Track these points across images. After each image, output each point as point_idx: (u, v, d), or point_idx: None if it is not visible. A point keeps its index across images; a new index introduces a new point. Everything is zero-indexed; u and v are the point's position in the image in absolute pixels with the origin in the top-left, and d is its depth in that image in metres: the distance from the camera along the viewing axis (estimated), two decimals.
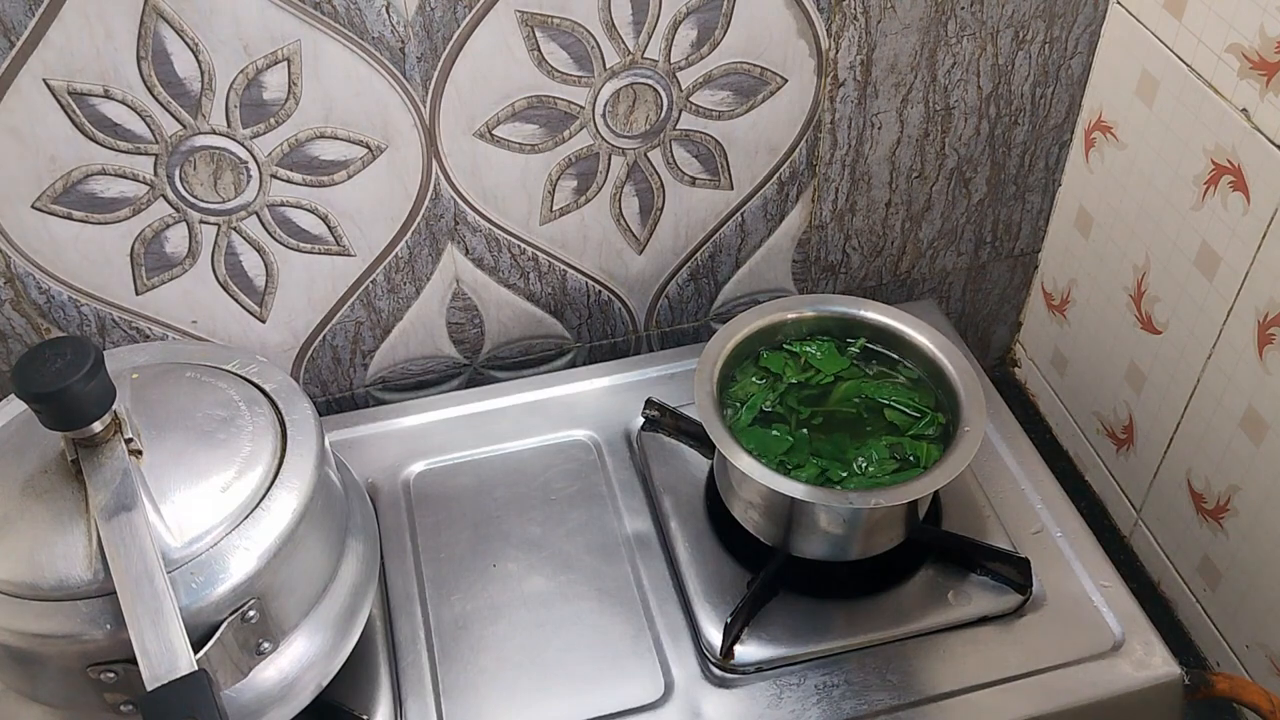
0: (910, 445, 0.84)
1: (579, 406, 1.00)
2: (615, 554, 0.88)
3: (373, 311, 1.00)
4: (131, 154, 0.84)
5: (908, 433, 0.85)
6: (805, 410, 0.87)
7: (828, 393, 0.88)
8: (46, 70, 0.78)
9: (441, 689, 0.81)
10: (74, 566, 0.64)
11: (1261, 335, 0.86)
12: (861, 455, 0.84)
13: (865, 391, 0.88)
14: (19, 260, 0.87)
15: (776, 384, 0.88)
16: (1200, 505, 0.97)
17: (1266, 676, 0.93)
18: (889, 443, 0.85)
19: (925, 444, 0.84)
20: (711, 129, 0.96)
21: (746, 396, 0.87)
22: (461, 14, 0.83)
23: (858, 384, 0.88)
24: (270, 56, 0.81)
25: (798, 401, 0.88)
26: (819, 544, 0.83)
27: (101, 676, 0.64)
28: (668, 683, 0.80)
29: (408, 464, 0.96)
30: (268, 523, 0.68)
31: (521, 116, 0.90)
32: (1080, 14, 0.97)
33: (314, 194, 0.90)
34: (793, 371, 0.89)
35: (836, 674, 0.80)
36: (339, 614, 0.74)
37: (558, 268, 1.02)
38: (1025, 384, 1.24)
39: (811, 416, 0.87)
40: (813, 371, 0.89)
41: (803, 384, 0.89)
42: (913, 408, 0.87)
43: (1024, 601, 0.84)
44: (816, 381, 0.89)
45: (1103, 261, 1.05)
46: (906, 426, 0.86)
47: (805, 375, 0.89)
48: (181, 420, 0.71)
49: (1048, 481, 0.93)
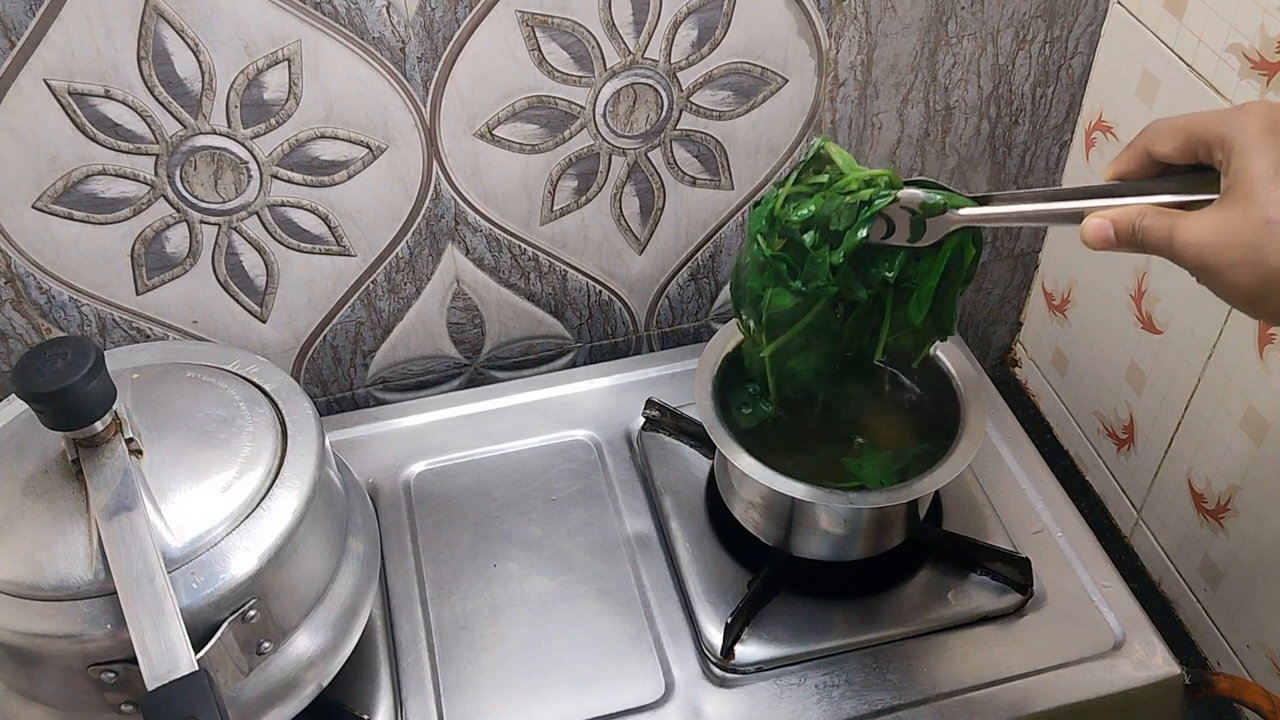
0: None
1: (579, 406, 1.01)
2: (616, 554, 0.88)
3: (373, 311, 1.00)
4: (132, 154, 0.84)
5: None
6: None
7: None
8: (47, 70, 0.78)
9: (442, 689, 0.81)
10: (75, 566, 0.64)
11: (1262, 335, 0.86)
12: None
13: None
14: (19, 260, 0.87)
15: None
16: (1201, 505, 0.97)
17: (1267, 676, 0.93)
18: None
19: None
20: (712, 129, 0.96)
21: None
22: (462, 14, 0.83)
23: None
24: (271, 56, 0.81)
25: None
26: (819, 544, 0.83)
27: (102, 676, 0.64)
28: (668, 683, 0.80)
29: (408, 464, 0.96)
30: (268, 523, 0.68)
31: (522, 116, 0.90)
32: (1080, 14, 0.97)
33: (314, 194, 0.90)
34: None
35: (837, 674, 0.80)
36: (339, 614, 0.74)
37: (558, 268, 1.02)
38: (1026, 384, 1.24)
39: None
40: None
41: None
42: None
43: (1024, 601, 0.84)
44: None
45: (1103, 261, 1.05)
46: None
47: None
48: (182, 420, 0.71)
49: (1048, 481, 0.93)
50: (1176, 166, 0.59)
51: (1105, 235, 0.58)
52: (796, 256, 0.73)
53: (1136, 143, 0.60)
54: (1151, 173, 0.60)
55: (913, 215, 0.69)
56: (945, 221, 0.69)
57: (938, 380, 0.87)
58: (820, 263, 0.72)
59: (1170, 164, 0.59)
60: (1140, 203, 0.58)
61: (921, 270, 0.72)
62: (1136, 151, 0.60)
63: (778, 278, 0.74)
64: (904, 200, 0.69)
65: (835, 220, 0.71)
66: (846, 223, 0.70)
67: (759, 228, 0.75)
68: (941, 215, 0.68)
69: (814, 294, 0.73)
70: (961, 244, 0.70)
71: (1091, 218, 0.59)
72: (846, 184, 0.71)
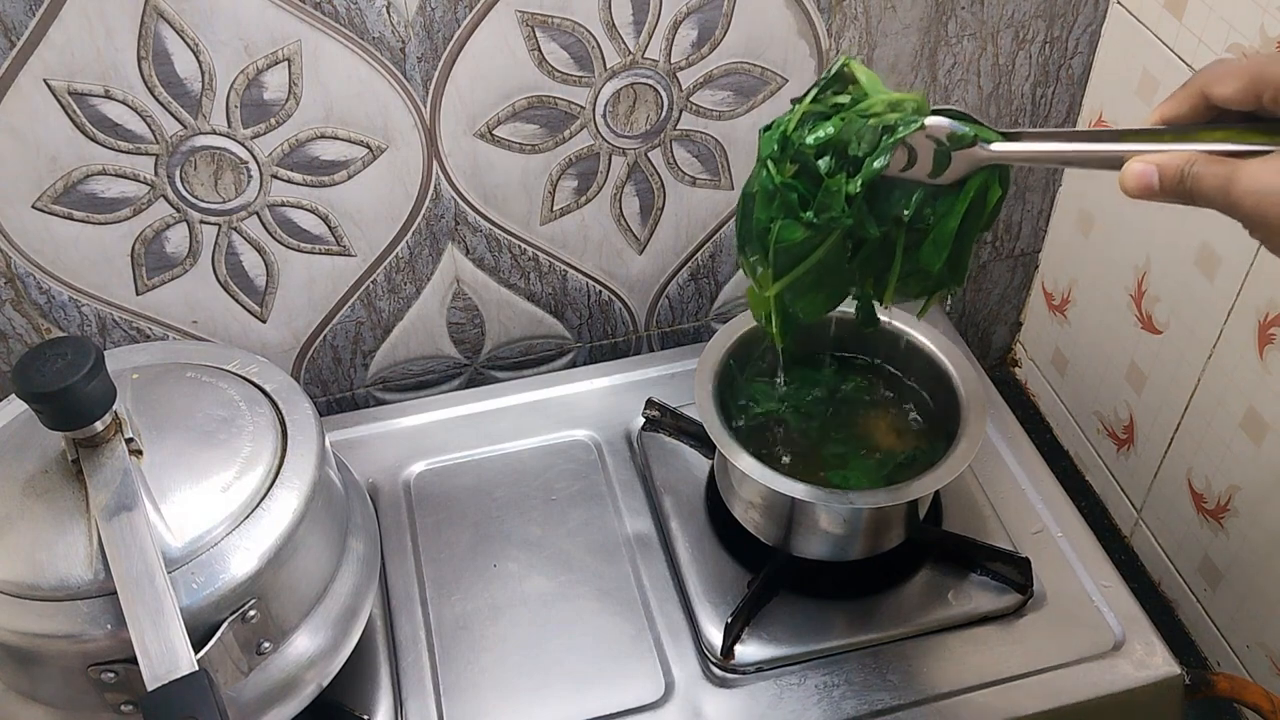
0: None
1: (579, 406, 1.00)
2: (616, 554, 0.88)
3: (373, 311, 1.00)
4: (132, 154, 0.84)
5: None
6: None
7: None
8: (47, 70, 0.78)
9: (442, 689, 0.81)
10: (74, 566, 0.64)
11: (1262, 335, 0.86)
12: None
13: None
14: (20, 260, 0.87)
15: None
16: (1201, 505, 0.97)
17: (1267, 676, 0.93)
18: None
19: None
20: (712, 129, 0.96)
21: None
22: (462, 14, 0.83)
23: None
24: (271, 56, 0.81)
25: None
26: (819, 544, 0.83)
27: (102, 676, 0.64)
28: (668, 683, 0.80)
29: (408, 464, 0.96)
30: (268, 523, 0.68)
31: (522, 116, 0.90)
32: (1080, 14, 0.97)
33: (314, 194, 0.90)
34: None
35: (837, 674, 0.80)
36: (339, 614, 0.74)
37: (558, 268, 1.02)
38: (1025, 384, 1.24)
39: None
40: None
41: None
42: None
43: (1024, 601, 0.84)
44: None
45: (1103, 261, 1.05)
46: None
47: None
48: (182, 420, 0.71)
49: (1048, 481, 0.93)
50: (1231, 114, 0.54)
51: (1148, 182, 0.53)
52: (809, 185, 0.67)
53: (1192, 83, 0.54)
54: (1203, 118, 0.55)
55: (938, 146, 0.63)
56: (972, 157, 0.63)
57: (938, 380, 0.87)
58: (836, 191, 0.65)
59: (1225, 110, 0.54)
60: (1189, 148, 0.53)
61: (939, 211, 0.66)
62: (1191, 93, 0.55)
63: (788, 208, 0.68)
64: (931, 129, 0.63)
65: (854, 145, 0.65)
66: (867, 149, 0.64)
67: (769, 152, 0.68)
68: (969, 149, 0.63)
69: (826, 226, 0.67)
70: (986, 184, 0.64)
71: (1133, 162, 0.54)
72: (870, 106, 0.65)
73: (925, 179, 0.65)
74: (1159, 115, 0.56)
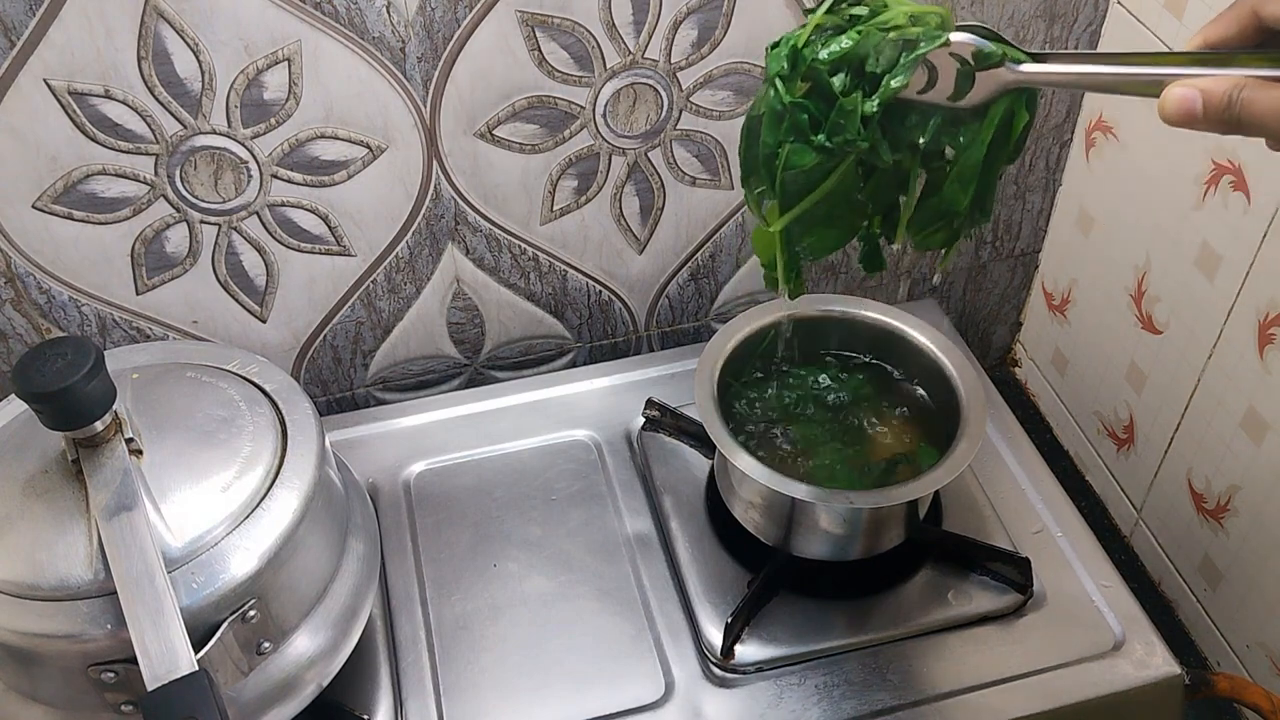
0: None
1: (579, 406, 1.01)
2: (616, 554, 0.88)
3: (373, 311, 1.00)
4: (132, 154, 0.84)
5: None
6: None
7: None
8: (47, 70, 0.78)
9: (442, 689, 0.81)
10: (74, 566, 0.64)
11: (1262, 335, 0.86)
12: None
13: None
14: (19, 260, 0.87)
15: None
16: (1201, 505, 0.97)
17: (1267, 676, 0.93)
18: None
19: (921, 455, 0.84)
20: (712, 129, 0.96)
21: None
22: (462, 14, 0.83)
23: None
24: (270, 56, 0.81)
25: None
26: (819, 544, 0.83)
27: (102, 676, 0.64)
28: (668, 683, 0.80)
29: (408, 464, 0.96)
30: (268, 523, 0.68)
31: (522, 116, 0.90)
32: (1080, 14, 0.97)
33: (314, 194, 0.90)
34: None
35: (837, 674, 0.80)
36: (339, 614, 0.74)
37: (558, 268, 1.02)
38: (1025, 384, 1.24)
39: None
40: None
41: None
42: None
43: (1024, 601, 0.84)
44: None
45: (1103, 261, 1.05)
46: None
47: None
48: (182, 420, 0.71)
49: (1048, 481, 0.93)
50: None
51: (1191, 108, 0.50)
52: (821, 105, 0.61)
53: (1243, 2, 0.51)
54: (1252, 41, 0.51)
55: (961, 66, 0.59)
56: (997, 78, 0.58)
57: (938, 380, 0.87)
58: (851, 111, 0.60)
59: (1277, 33, 0.51)
60: (1234, 73, 0.50)
61: (961, 142, 0.61)
62: (1240, 13, 0.51)
63: (797, 130, 0.62)
64: (955, 45, 0.58)
65: (872, 60, 0.59)
66: (886, 65, 0.59)
67: (778, 70, 0.62)
68: (995, 69, 0.58)
69: (839, 150, 0.61)
70: (1012, 109, 0.60)
71: (1175, 86, 0.50)
72: (891, 19, 0.60)
73: (945, 102, 0.60)
74: (1203, 38, 0.52)
